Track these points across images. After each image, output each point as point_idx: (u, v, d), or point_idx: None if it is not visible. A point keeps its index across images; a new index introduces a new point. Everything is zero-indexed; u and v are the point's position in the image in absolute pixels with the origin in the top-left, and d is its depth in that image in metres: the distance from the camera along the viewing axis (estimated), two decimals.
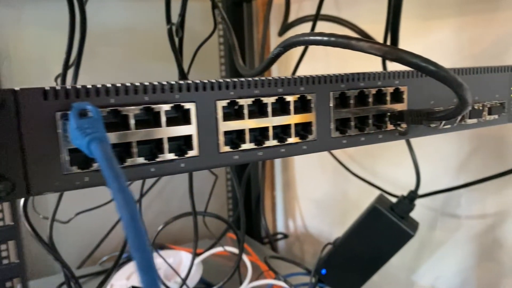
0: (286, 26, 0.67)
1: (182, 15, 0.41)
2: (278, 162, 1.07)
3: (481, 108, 0.27)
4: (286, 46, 0.22)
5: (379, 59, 0.71)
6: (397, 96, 0.25)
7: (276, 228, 1.09)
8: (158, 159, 0.18)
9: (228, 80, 0.19)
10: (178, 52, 0.42)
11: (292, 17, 0.80)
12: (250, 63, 0.88)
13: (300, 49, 0.93)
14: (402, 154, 0.72)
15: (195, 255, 0.58)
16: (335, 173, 0.84)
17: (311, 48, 0.90)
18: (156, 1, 0.85)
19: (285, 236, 1.03)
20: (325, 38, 0.19)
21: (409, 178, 0.71)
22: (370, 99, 0.24)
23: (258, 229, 0.93)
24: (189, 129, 0.19)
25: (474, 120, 0.27)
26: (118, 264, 0.49)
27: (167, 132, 0.18)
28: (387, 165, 0.75)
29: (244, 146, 0.20)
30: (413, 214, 0.71)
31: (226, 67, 0.89)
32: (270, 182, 1.08)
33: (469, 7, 0.60)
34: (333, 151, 0.83)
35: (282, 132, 0.22)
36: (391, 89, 0.25)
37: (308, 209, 0.99)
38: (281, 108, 0.22)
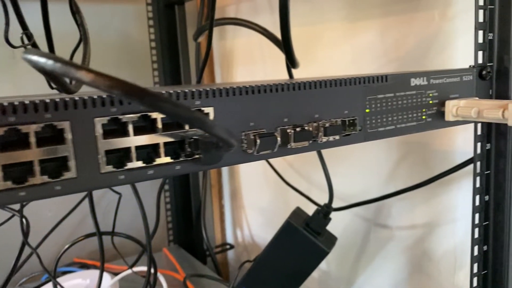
0: (199, 30, 0.63)
1: (44, 17, 0.36)
2: (225, 170, 1.03)
3: (311, 129, 0.24)
4: None
5: (322, 63, 0.69)
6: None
7: (225, 238, 1.05)
8: None
9: None
10: None
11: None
12: (185, 67, 0.84)
13: (240, 52, 0.89)
14: (337, 163, 0.69)
15: (101, 277, 0.54)
16: (277, 182, 0.81)
17: (250, 51, 0.87)
18: (87, 6, 0.81)
19: (231, 247, 0.99)
20: (50, 62, 0.15)
21: (342, 187, 0.69)
22: (159, 125, 0.20)
23: (200, 242, 0.89)
24: None
25: (305, 143, 0.24)
26: None
27: None
28: (323, 174, 0.72)
29: None
30: (348, 224, 0.69)
31: (159, 73, 0.84)
32: (218, 191, 1.04)
33: (392, 7, 0.58)
34: (272, 160, 0.79)
35: (27, 171, 0.18)
36: None
37: (255, 218, 0.95)
38: (23, 141, 0.18)
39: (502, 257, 0.35)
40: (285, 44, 0.42)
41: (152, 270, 0.57)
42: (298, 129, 0.23)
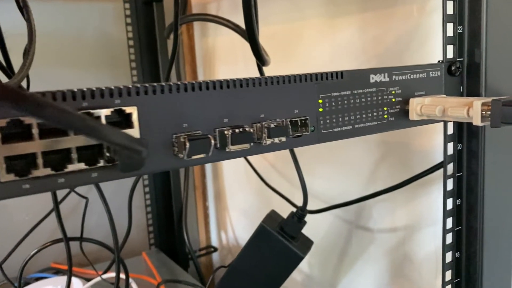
0: (169, 27, 0.60)
1: None
2: (209, 170, 1.01)
3: (254, 130, 0.21)
4: None
5: (302, 61, 0.67)
6: (124, 120, 0.19)
7: (210, 241, 1.03)
8: None
9: None
10: None
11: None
12: (164, 65, 0.82)
13: (222, 50, 0.87)
14: (319, 163, 0.68)
15: (69, 284, 0.51)
16: (260, 183, 0.79)
17: (232, 48, 0.85)
18: (64, 4, 0.79)
19: (215, 249, 0.97)
20: None
21: (323, 188, 0.67)
22: None
23: (183, 245, 0.87)
24: None
25: (245, 146, 0.21)
26: None
27: None
28: (307, 175, 0.70)
29: None
30: (330, 226, 0.67)
31: (138, 71, 0.82)
32: (202, 192, 1.02)
33: (370, 3, 0.56)
34: (252, 159, 0.77)
35: None
36: (107, 112, 0.19)
37: (238, 220, 0.93)
38: None
39: (475, 264, 0.33)
40: (250, 40, 0.40)
41: (124, 276, 0.55)
42: (237, 130, 0.21)
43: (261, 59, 0.43)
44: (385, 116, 0.27)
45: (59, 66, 0.80)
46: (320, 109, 0.25)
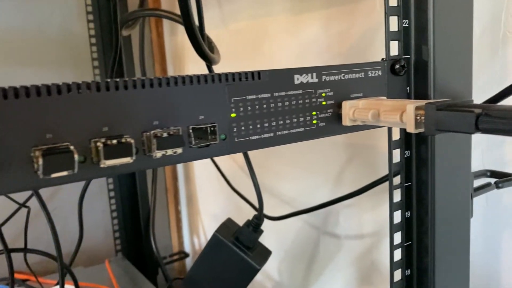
0: (120, 23, 0.57)
1: None
2: (180, 172, 0.97)
3: (134, 141, 0.18)
4: None
5: (269, 60, 0.63)
6: None
7: (183, 246, 0.99)
8: None
9: None
10: None
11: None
12: (128, 63, 0.78)
13: (191, 48, 0.84)
14: (290, 167, 0.65)
15: None
16: (229, 187, 0.76)
17: None
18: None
19: (186, 255, 0.93)
20: None
21: (292, 193, 0.64)
22: None
23: (151, 252, 0.83)
24: None
25: (126, 160, 0.18)
26: None
27: None
28: (275, 178, 0.67)
29: None
30: (298, 231, 0.64)
31: (100, 70, 0.78)
32: (174, 196, 0.98)
33: None
34: (221, 162, 0.74)
35: None
36: None
37: (211, 224, 0.90)
38: None
39: (427, 282, 0.30)
40: (190, 36, 0.37)
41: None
42: (115, 141, 0.17)
43: (204, 57, 0.40)
44: (314, 122, 0.24)
45: (18, 64, 0.76)
46: (233, 115, 0.21)
